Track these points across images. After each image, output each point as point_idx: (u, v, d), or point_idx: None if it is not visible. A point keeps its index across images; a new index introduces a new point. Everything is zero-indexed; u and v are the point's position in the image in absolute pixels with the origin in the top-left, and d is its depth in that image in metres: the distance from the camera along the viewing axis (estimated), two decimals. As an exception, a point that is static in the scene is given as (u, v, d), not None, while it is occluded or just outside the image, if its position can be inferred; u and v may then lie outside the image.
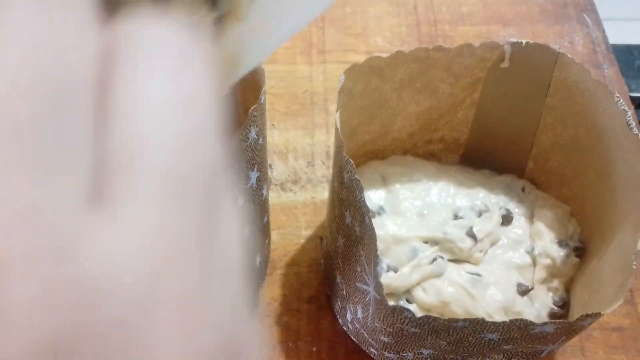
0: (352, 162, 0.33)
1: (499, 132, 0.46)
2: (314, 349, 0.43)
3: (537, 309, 0.40)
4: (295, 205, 0.49)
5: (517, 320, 0.31)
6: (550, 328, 0.32)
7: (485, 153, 0.47)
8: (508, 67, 0.42)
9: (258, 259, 0.42)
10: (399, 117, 0.44)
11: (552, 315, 0.40)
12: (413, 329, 0.34)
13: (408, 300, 0.40)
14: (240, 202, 0.35)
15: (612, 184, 0.39)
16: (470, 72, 0.42)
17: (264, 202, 0.40)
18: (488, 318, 0.38)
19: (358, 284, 0.36)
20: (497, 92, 0.43)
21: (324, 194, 0.50)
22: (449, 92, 0.43)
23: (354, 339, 0.41)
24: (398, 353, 0.37)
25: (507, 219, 0.43)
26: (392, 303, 0.33)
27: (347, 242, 0.37)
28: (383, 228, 0.41)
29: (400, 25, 0.61)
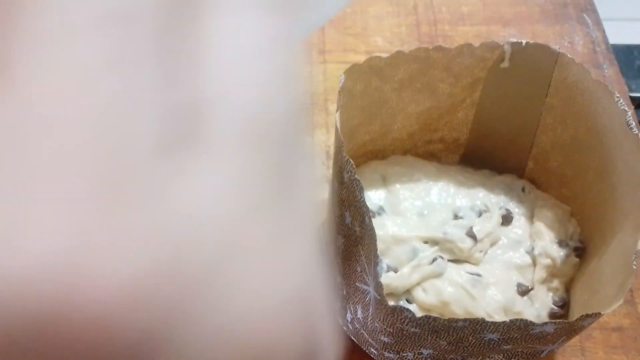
0: (352, 162, 0.33)
1: (499, 132, 0.46)
2: (314, 349, 0.43)
3: (537, 309, 0.40)
4: (295, 205, 0.49)
5: (517, 320, 0.31)
6: (550, 328, 0.32)
7: (485, 153, 0.47)
8: (508, 67, 0.42)
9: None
10: (399, 117, 0.44)
11: (552, 316, 0.40)
12: (413, 329, 0.34)
13: (408, 301, 0.40)
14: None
15: (612, 184, 0.39)
16: (470, 72, 0.42)
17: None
18: (488, 318, 0.38)
19: (358, 284, 0.36)
20: (497, 92, 0.43)
21: (324, 194, 0.50)
22: (449, 92, 0.43)
23: (354, 339, 0.41)
24: (398, 353, 0.37)
25: (507, 219, 0.43)
26: (392, 303, 0.33)
27: (347, 242, 0.37)
28: (383, 228, 0.41)
29: (400, 25, 0.61)
